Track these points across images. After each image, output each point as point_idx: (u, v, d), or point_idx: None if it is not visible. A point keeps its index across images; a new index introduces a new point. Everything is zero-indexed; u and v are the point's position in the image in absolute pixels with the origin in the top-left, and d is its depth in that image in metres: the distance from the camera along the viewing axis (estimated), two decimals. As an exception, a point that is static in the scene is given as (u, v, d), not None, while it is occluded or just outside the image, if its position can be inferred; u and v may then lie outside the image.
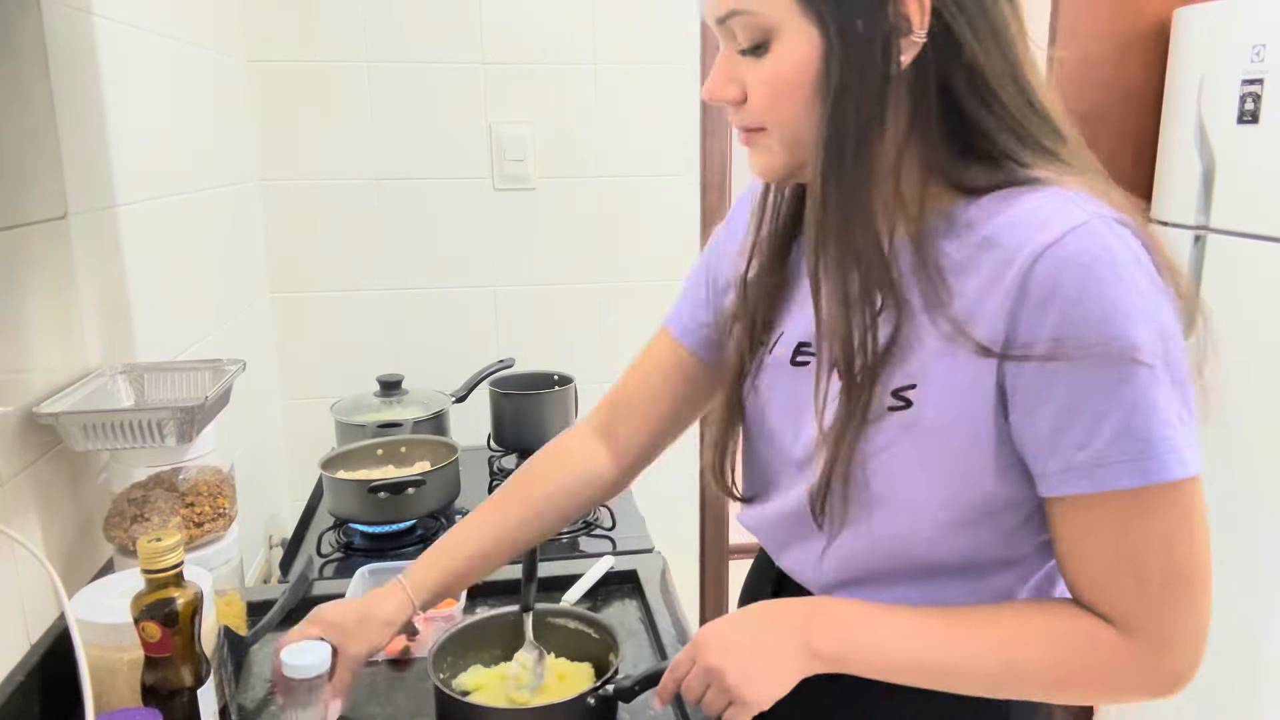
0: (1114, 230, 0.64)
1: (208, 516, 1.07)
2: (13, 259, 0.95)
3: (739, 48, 0.70)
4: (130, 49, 1.28)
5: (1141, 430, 0.63)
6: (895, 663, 0.72)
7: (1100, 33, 2.08)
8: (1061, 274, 0.63)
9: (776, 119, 0.70)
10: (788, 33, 0.66)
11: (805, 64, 0.66)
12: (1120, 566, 0.67)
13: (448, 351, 2.05)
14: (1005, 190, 0.68)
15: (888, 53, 0.65)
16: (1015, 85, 0.67)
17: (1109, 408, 0.63)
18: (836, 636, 0.73)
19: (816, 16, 0.65)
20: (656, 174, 2.07)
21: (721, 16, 0.69)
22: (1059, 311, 0.63)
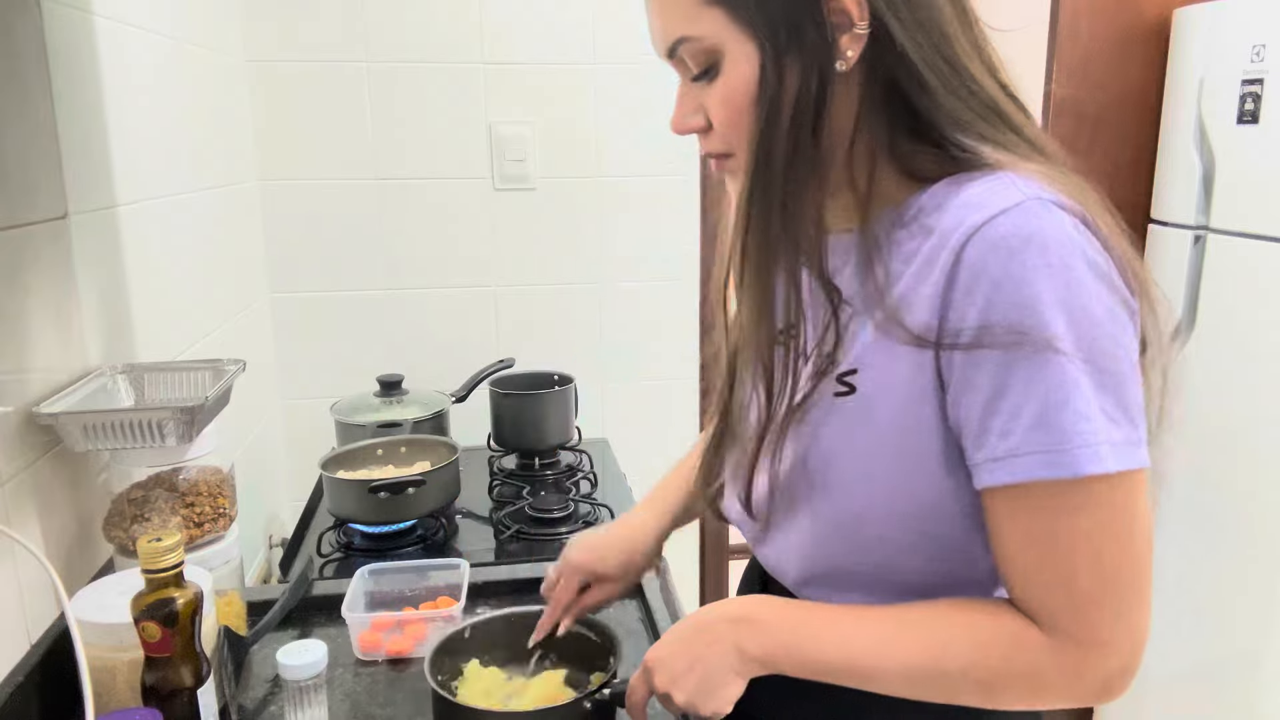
0: (1049, 212, 0.62)
1: (208, 516, 1.07)
2: (13, 259, 0.95)
3: (691, 75, 0.71)
4: (130, 49, 1.28)
5: (1055, 422, 0.61)
6: (824, 662, 0.71)
7: (1100, 33, 2.07)
8: (988, 256, 0.62)
9: (739, 140, 0.70)
10: (730, 52, 0.67)
11: (750, 79, 0.67)
12: (1046, 563, 0.65)
13: (448, 351, 2.05)
14: (956, 176, 0.68)
15: (828, 53, 0.65)
16: (952, 72, 0.67)
17: (1027, 397, 0.62)
18: (765, 639, 0.72)
19: (751, 31, 0.66)
20: (656, 174, 2.06)
21: (670, 48, 0.71)
22: (984, 296, 0.62)
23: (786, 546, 0.79)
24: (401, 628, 1.14)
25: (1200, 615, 2.00)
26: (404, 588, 1.23)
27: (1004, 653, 0.67)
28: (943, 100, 0.67)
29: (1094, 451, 0.61)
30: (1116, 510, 0.63)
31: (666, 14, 0.70)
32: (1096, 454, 0.61)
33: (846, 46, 0.65)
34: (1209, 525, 1.96)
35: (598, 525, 1.54)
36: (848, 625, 0.72)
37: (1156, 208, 2.13)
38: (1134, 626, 0.65)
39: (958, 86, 0.67)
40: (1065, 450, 0.61)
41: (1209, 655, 1.98)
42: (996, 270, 0.62)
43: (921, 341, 0.66)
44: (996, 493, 0.65)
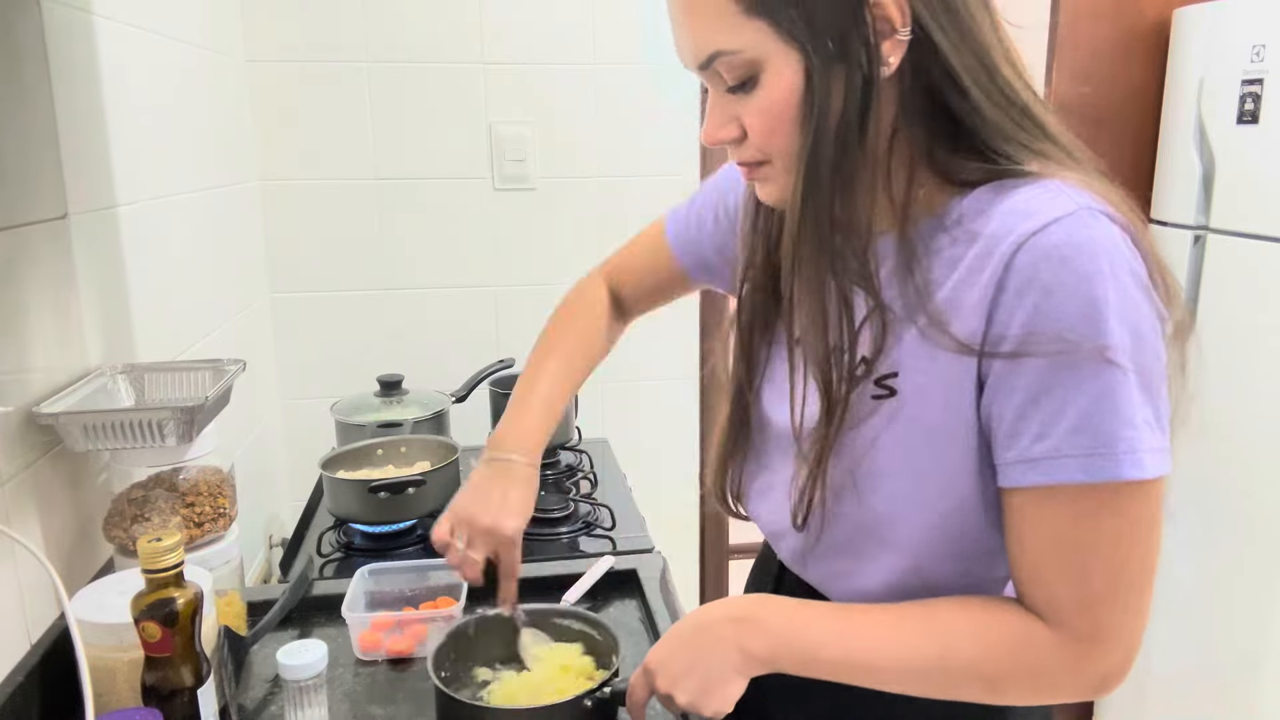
0: (1100, 223, 0.63)
1: (208, 516, 1.07)
2: (13, 259, 0.95)
3: (726, 87, 0.70)
4: (130, 49, 1.28)
5: (1100, 428, 0.62)
6: (827, 661, 0.72)
7: (1100, 33, 2.08)
8: (1040, 264, 0.62)
9: (776, 148, 0.70)
10: (773, 63, 0.67)
11: (794, 89, 0.67)
12: (1064, 561, 0.66)
13: (448, 351, 2.05)
14: (998, 183, 0.68)
15: (870, 58, 0.65)
16: (990, 79, 0.67)
17: (1070, 402, 0.62)
18: (767, 639, 0.73)
19: (796, 42, 0.65)
20: (656, 174, 2.06)
21: (704, 61, 0.69)
22: (1033, 303, 0.63)
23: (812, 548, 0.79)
24: (401, 628, 1.14)
25: (1200, 615, 2.00)
26: (404, 588, 1.23)
27: (1010, 649, 0.68)
28: (982, 106, 0.67)
29: (1135, 459, 0.62)
30: (1139, 513, 0.65)
31: (702, 28, 0.68)
32: (1138, 461, 0.63)
33: (889, 53, 0.65)
34: (1209, 524, 1.96)
35: (594, 524, 1.54)
36: (851, 623, 0.72)
37: (1156, 208, 2.13)
38: (1135, 624, 0.67)
39: (995, 93, 0.67)
40: (1108, 455, 0.62)
41: (1209, 655, 1.98)
42: (1049, 278, 0.62)
43: (966, 349, 0.66)
44: (1025, 493, 0.66)
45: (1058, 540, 0.66)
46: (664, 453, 2.15)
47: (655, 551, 1.42)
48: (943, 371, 0.68)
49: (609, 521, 1.56)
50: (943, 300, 0.68)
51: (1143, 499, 0.64)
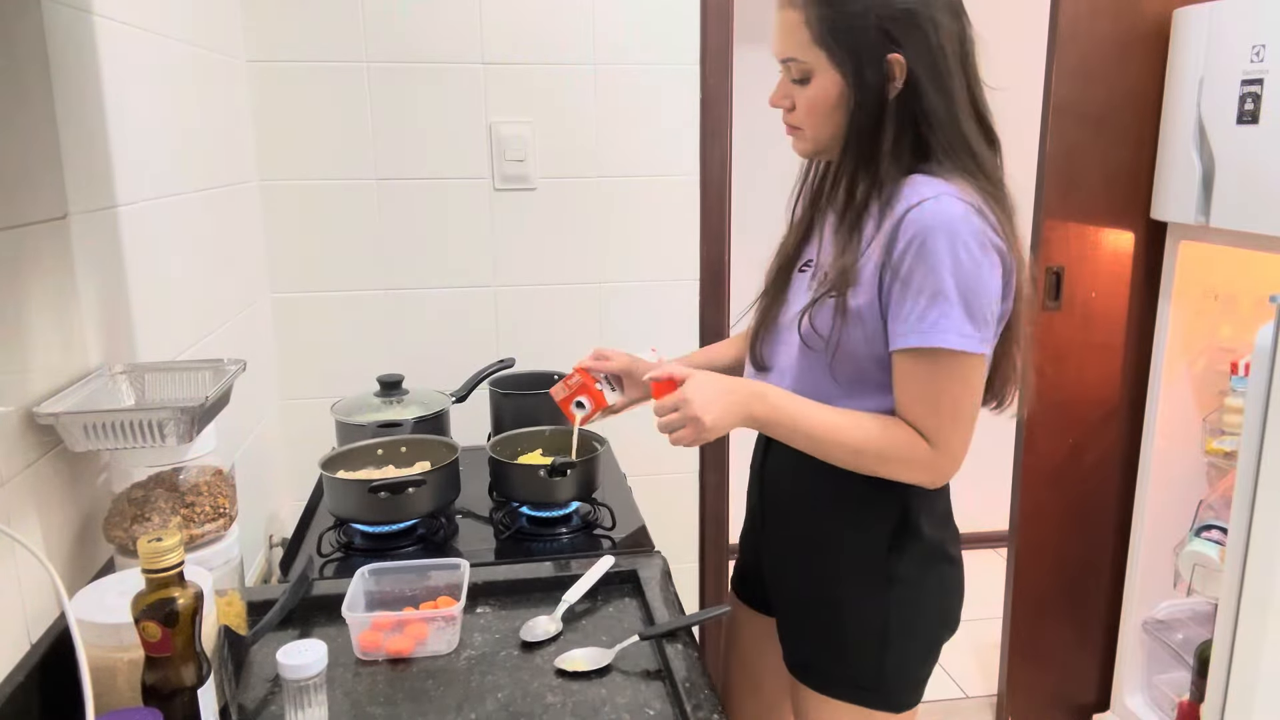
0: (953, 205, 1.05)
1: (208, 516, 1.07)
2: (13, 259, 0.95)
3: (791, 78, 1.14)
4: (130, 49, 1.28)
5: (938, 321, 1.05)
6: (795, 429, 1.14)
7: (1100, 33, 2.08)
8: (914, 224, 1.05)
9: (810, 124, 1.15)
10: (820, 74, 1.10)
11: (830, 94, 1.11)
12: (923, 400, 1.09)
13: (448, 351, 2.05)
14: (921, 173, 1.10)
15: (883, 89, 1.08)
16: (950, 122, 1.09)
17: (929, 312, 1.05)
18: (765, 409, 1.15)
19: (840, 67, 1.09)
20: (656, 174, 2.07)
21: (783, 59, 1.13)
22: (913, 249, 1.05)
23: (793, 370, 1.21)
24: (401, 628, 1.14)
25: (1200, 615, 2.00)
26: (404, 588, 1.23)
27: (902, 440, 1.11)
28: (940, 136, 1.10)
29: (957, 335, 1.05)
30: (964, 375, 1.09)
31: (786, 40, 1.11)
32: (960, 337, 1.05)
33: (890, 90, 1.08)
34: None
35: (594, 524, 1.55)
36: (818, 410, 1.15)
37: (1156, 208, 2.13)
38: (962, 443, 1.11)
39: (951, 131, 1.10)
40: (937, 333, 1.05)
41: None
42: (916, 234, 1.05)
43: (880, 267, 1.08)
44: (898, 354, 1.10)
45: (919, 382, 1.09)
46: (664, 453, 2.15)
47: (655, 551, 1.42)
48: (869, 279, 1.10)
49: (609, 521, 1.56)
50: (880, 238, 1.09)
51: (966, 368, 1.08)
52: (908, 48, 1.06)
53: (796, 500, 1.24)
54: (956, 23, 1.09)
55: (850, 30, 1.06)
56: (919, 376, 1.08)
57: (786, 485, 1.26)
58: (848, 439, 1.12)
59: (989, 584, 3.25)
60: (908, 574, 1.19)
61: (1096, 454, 2.29)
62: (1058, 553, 2.35)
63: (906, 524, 1.18)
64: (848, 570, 1.20)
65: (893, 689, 1.22)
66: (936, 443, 1.09)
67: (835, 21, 1.07)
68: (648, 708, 1.02)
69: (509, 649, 1.15)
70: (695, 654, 1.10)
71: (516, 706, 1.03)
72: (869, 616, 1.19)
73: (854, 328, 1.11)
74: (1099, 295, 2.21)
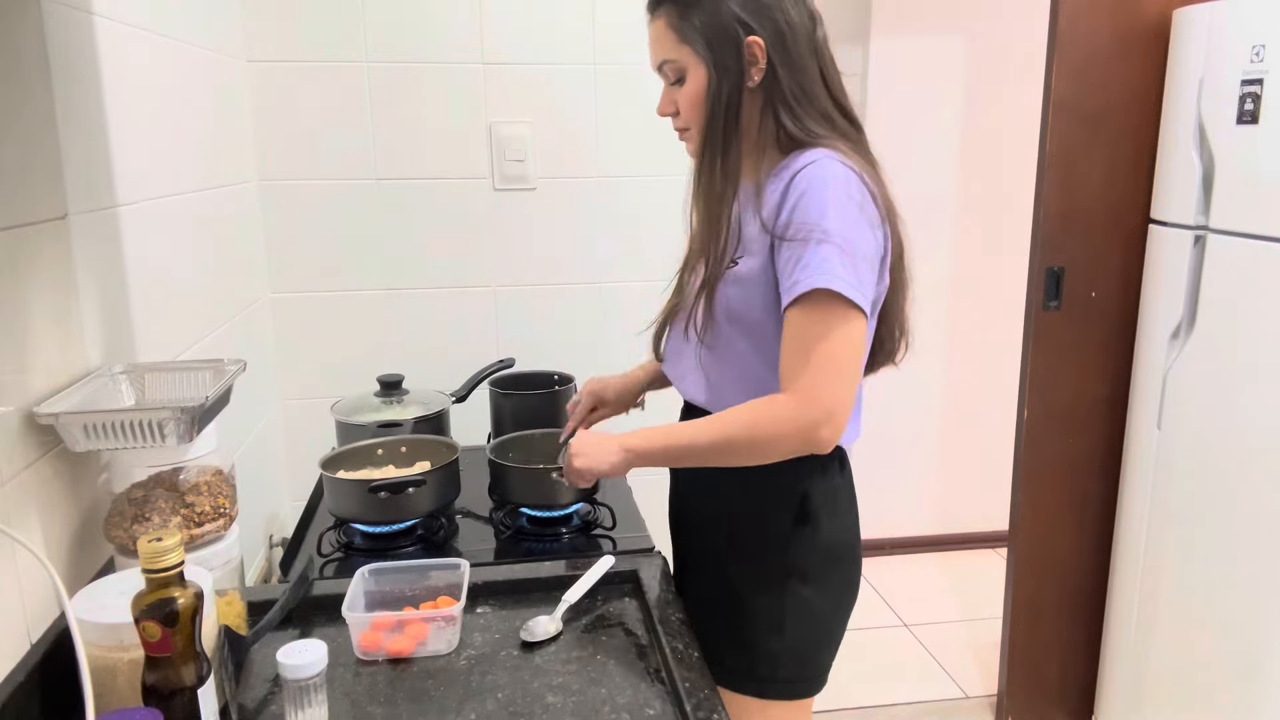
0: (833, 166, 1.12)
1: (208, 516, 1.07)
2: (13, 259, 0.95)
3: (669, 82, 1.22)
4: (130, 49, 1.28)
5: (818, 266, 1.08)
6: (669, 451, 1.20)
7: (1100, 33, 2.07)
8: (801, 183, 1.12)
9: (692, 122, 1.21)
10: (691, 71, 1.18)
11: (701, 88, 1.17)
12: (798, 349, 1.10)
13: (448, 351, 2.05)
14: (801, 149, 1.16)
15: (743, 75, 1.15)
16: (807, 101, 1.17)
17: (809, 257, 1.09)
18: (638, 441, 1.21)
19: (704, 60, 1.16)
20: (656, 174, 2.07)
21: (658, 65, 1.22)
22: (798, 204, 1.11)
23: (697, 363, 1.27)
24: (401, 628, 1.14)
25: (1199, 615, 2.00)
26: (404, 588, 1.23)
27: (761, 409, 1.13)
28: (800, 114, 1.17)
29: (834, 278, 1.08)
30: (843, 330, 1.10)
31: (656, 48, 1.21)
32: (837, 281, 1.08)
33: (755, 75, 1.16)
34: (1207, 524, 1.97)
35: (594, 524, 1.55)
36: (681, 429, 1.21)
37: (1156, 208, 2.13)
38: (832, 395, 1.09)
39: (809, 108, 1.17)
40: (819, 276, 1.08)
41: (1209, 656, 1.98)
42: (804, 188, 1.11)
43: (768, 230, 1.14)
44: (790, 308, 1.11)
45: (795, 335, 1.11)
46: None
47: (655, 551, 1.42)
48: (759, 250, 1.16)
49: (609, 521, 1.56)
50: (766, 207, 1.15)
51: (841, 315, 1.09)
52: (762, 32, 1.14)
53: (700, 487, 1.32)
54: (803, 14, 1.17)
55: (708, 23, 1.14)
56: (798, 325, 1.10)
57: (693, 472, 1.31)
58: (717, 435, 1.15)
59: (989, 584, 3.26)
60: (806, 567, 1.24)
61: (1096, 454, 2.29)
62: (1058, 553, 2.35)
63: (807, 515, 1.23)
64: (746, 559, 1.26)
65: (790, 677, 1.27)
66: (802, 393, 1.10)
67: (694, 18, 1.15)
68: (648, 707, 1.02)
69: (509, 649, 1.15)
70: (695, 654, 1.10)
71: (516, 706, 1.03)
72: (766, 608, 1.24)
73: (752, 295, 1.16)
74: (1099, 295, 2.21)
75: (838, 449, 1.25)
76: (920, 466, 3.47)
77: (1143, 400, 2.17)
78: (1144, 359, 2.17)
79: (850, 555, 1.29)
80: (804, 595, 1.24)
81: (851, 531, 1.29)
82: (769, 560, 1.24)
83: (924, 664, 2.78)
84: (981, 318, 3.32)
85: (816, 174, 1.11)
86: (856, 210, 1.10)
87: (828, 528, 1.24)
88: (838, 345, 1.09)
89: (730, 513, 1.27)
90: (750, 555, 1.26)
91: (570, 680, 1.08)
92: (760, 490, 1.23)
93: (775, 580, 1.24)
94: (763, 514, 1.24)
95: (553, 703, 1.03)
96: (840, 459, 1.27)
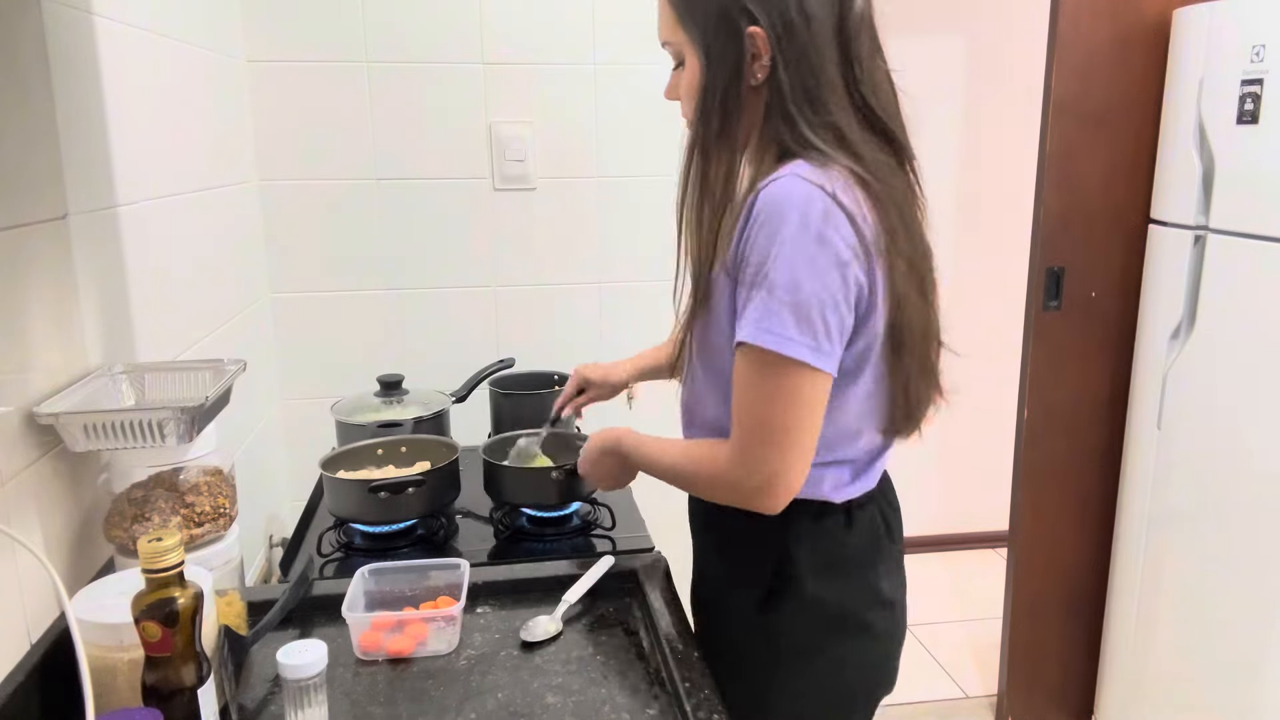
0: (795, 187, 0.94)
1: (208, 516, 1.07)
2: (13, 259, 0.95)
3: (673, 66, 1.10)
4: (130, 49, 1.28)
5: (756, 316, 0.95)
6: (647, 464, 1.16)
7: (1100, 33, 2.08)
8: (759, 206, 0.95)
9: (690, 110, 1.05)
10: (688, 56, 1.04)
11: (696, 75, 1.03)
12: (740, 397, 0.99)
13: (448, 351, 2.05)
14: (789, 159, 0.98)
15: (740, 69, 0.99)
16: (813, 104, 0.98)
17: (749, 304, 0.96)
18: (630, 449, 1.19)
19: (698, 47, 1.02)
20: (656, 174, 2.07)
21: (662, 44, 1.09)
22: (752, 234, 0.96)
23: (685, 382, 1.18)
24: (401, 628, 1.14)
25: (1199, 616, 2.00)
26: (404, 588, 1.23)
27: (703, 457, 1.06)
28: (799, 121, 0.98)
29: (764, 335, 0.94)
30: (783, 384, 0.96)
31: (660, 23, 1.08)
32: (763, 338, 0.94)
33: (756, 70, 0.99)
34: (1208, 524, 1.97)
35: (594, 524, 1.55)
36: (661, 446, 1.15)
37: (1156, 208, 2.13)
38: (770, 463, 0.97)
39: (814, 115, 0.98)
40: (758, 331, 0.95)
41: (1208, 656, 1.98)
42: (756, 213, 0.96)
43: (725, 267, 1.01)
44: (736, 351, 0.98)
45: (740, 383, 0.98)
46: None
47: (655, 551, 1.42)
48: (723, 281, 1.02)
49: (609, 521, 1.56)
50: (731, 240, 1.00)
51: (783, 373, 0.95)
52: (765, 22, 0.96)
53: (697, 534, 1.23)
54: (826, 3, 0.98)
55: (707, 6, 0.99)
56: (741, 375, 0.98)
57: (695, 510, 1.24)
58: (676, 464, 1.09)
59: (989, 584, 3.26)
60: (791, 638, 1.07)
61: (1096, 454, 2.30)
62: (1058, 553, 2.35)
63: (782, 575, 1.06)
64: (728, 619, 1.13)
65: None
66: (740, 455, 0.98)
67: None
68: (648, 708, 1.02)
69: (509, 649, 1.15)
70: (695, 654, 1.10)
71: (516, 706, 1.03)
72: (748, 681, 1.09)
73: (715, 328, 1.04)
74: (1099, 295, 2.21)
75: (831, 507, 1.07)
76: (920, 466, 3.47)
77: (1142, 400, 2.17)
78: (1144, 359, 2.17)
79: (857, 626, 1.08)
80: (791, 675, 1.07)
81: (860, 598, 1.08)
82: (745, 616, 1.09)
83: (924, 664, 2.78)
84: (981, 318, 3.32)
85: (773, 197, 0.94)
86: (813, 244, 0.92)
87: (815, 594, 1.06)
88: (780, 409, 0.95)
89: (705, 575, 1.18)
90: (724, 629, 1.11)
91: (570, 680, 1.08)
92: (734, 546, 1.11)
93: (755, 646, 1.09)
94: (740, 556, 1.10)
95: (553, 703, 1.03)
96: (848, 512, 1.08)
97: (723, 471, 1.01)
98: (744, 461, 0.98)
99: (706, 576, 1.20)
